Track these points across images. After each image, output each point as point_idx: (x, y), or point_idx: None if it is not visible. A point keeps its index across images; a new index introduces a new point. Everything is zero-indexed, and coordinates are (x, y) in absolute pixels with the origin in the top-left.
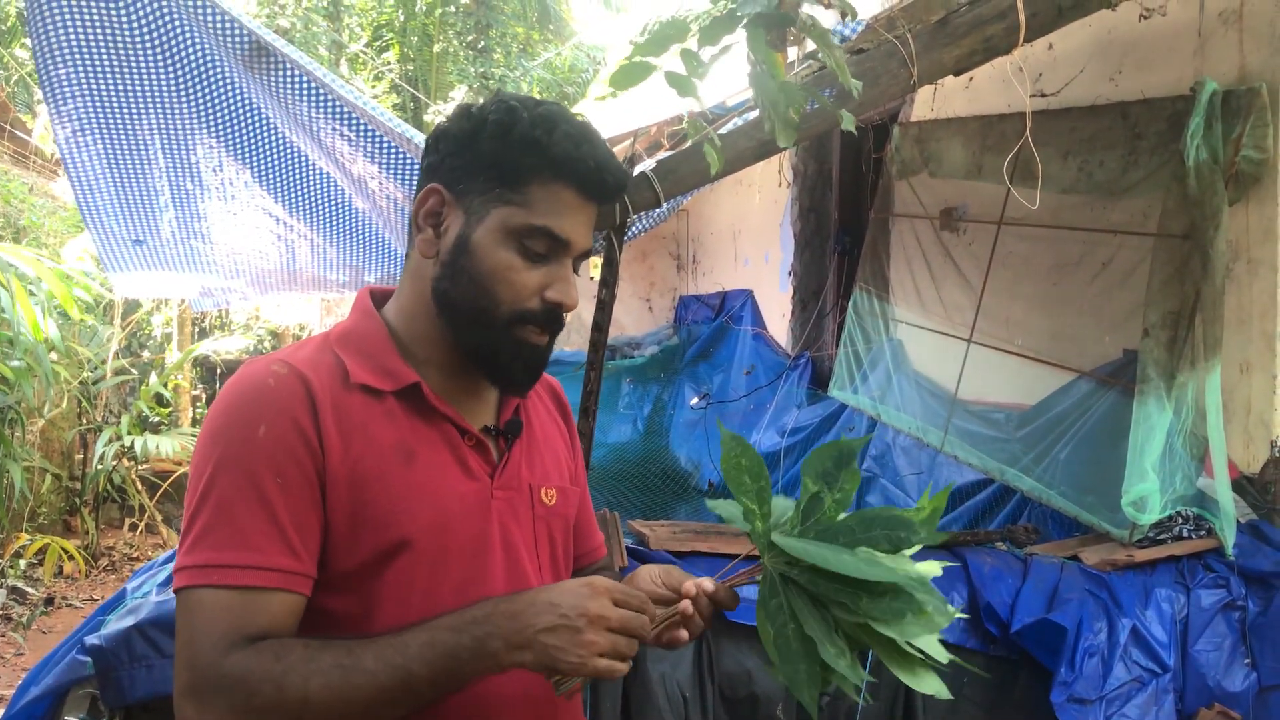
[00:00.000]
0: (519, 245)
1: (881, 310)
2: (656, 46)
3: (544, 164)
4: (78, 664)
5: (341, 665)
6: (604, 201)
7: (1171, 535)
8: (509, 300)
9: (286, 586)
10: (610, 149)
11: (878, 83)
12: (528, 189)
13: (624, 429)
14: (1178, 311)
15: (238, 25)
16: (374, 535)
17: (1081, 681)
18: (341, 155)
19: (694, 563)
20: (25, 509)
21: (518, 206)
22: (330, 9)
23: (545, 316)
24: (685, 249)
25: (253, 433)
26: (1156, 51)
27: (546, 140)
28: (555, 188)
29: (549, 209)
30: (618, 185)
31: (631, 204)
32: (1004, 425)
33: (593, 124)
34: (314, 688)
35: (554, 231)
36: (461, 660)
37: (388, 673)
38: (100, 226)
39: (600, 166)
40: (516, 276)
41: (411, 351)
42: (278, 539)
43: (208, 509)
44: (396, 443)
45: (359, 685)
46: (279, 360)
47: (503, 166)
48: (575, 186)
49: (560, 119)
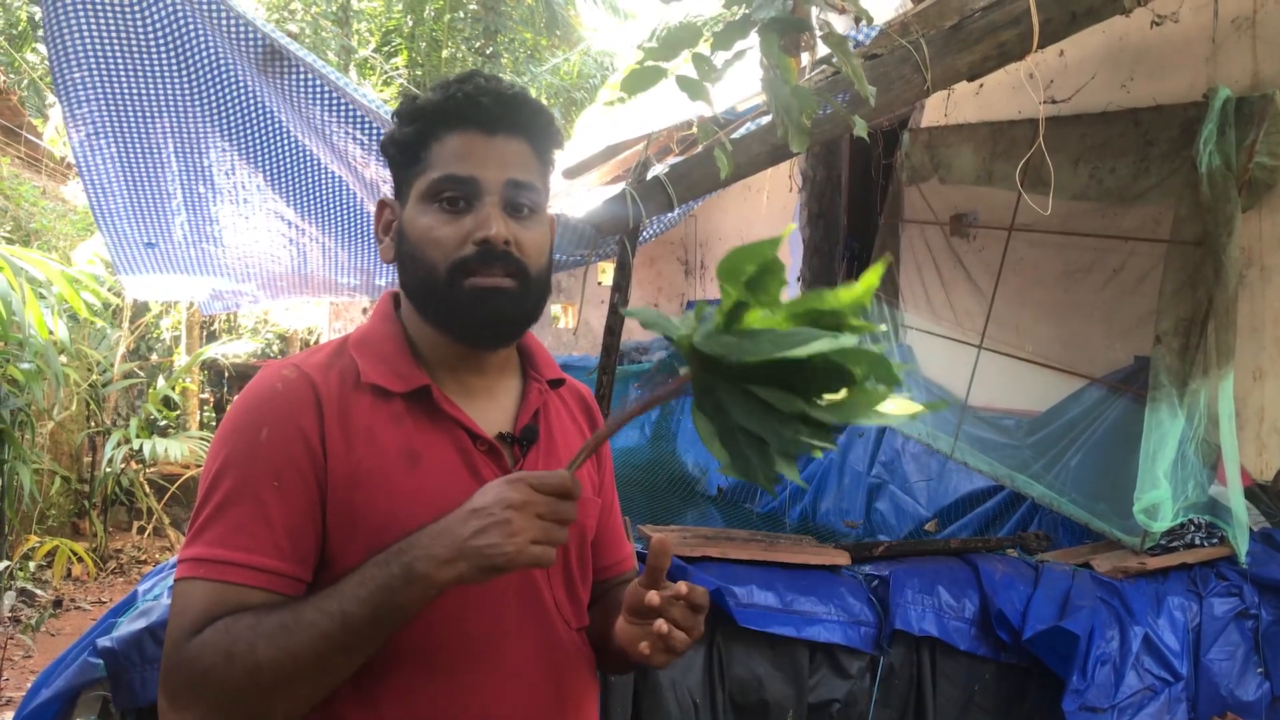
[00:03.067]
0: (436, 205)
1: (891, 316)
2: (668, 51)
3: (431, 125)
4: (89, 666)
5: (284, 624)
6: (511, 130)
7: (1183, 543)
8: (440, 257)
9: (268, 586)
10: (498, 80)
11: (891, 88)
12: (427, 154)
13: (631, 434)
14: (1190, 318)
15: (252, 28)
16: (375, 539)
17: (1094, 689)
18: (354, 159)
19: (704, 567)
20: (34, 511)
21: (424, 172)
22: (339, 14)
23: (481, 257)
24: (693, 254)
25: (256, 436)
26: (1169, 58)
27: (429, 101)
28: (445, 138)
29: (445, 158)
30: (508, 104)
31: (645, 208)
32: (1014, 432)
33: (493, 74)
34: (260, 650)
35: (454, 174)
36: (394, 590)
37: (326, 619)
38: (113, 229)
39: (471, 95)
40: (440, 232)
41: (425, 356)
42: (267, 539)
43: (209, 507)
44: (402, 446)
45: (302, 639)
46: (290, 364)
47: (409, 147)
48: (460, 127)
49: (447, 82)
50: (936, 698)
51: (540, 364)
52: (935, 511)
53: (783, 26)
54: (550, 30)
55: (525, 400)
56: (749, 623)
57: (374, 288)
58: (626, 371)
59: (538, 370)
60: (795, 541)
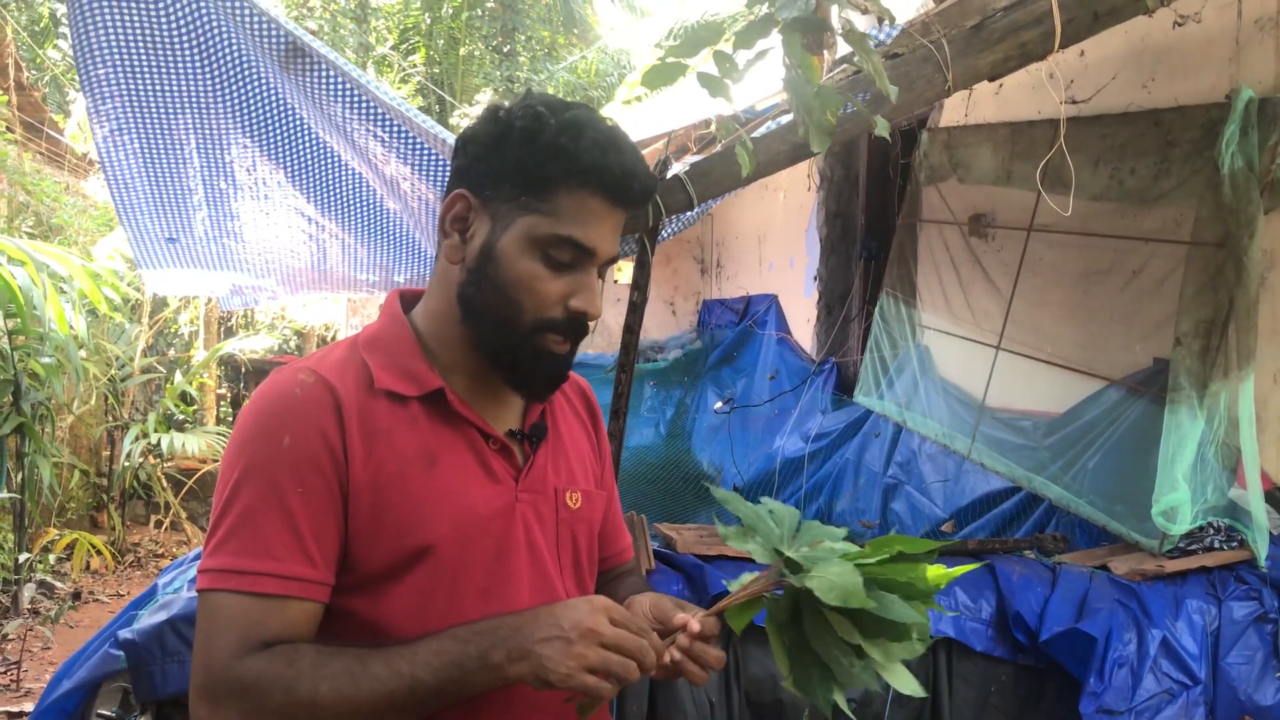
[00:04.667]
0: (544, 254)
1: (908, 316)
2: (690, 48)
3: (570, 172)
4: (110, 658)
5: (351, 671)
6: (631, 208)
7: (1202, 546)
8: (532, 309)
9: (302, 595)
10: (638, 153)
11: (913, 87)
12: (554, 197)
13: (646, 432)
14: (1210, 320)
15: (275, 25)
16: (395, 541)
17: (1111, 692)
18: (374, 156)
19: (721, 566)
20: (54, 504)
21: (544, 215)
22: (358, 12)
23: (569, 325)
24: (709, 253)
25: (278, 443)
26: (1191, 59)
27: (573, 148)
28: (581, 195)
29: (575, 218)
30: (645, 192)
31: (664, 207)
32: (1032, 433)
33: (621, 128)
34: (323, 692)
35: (580, 241)
36: (467, 670)
37: (394, 679)
38: (134, 224)
39: (627, 173)
40: (541, 286)
41: (437, 356)
42: (296, 548)
43: (232, 515)
44: (419, 448)
45: (366, 690)
46: (306, 369)
47: (529, 174)
48: (602, 194)
49: (588, 125)
50: (952, 699)
51: None
52: (952, 512)
53: (805, 26)
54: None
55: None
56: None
57: (392, 284)
58: (642, 370)
59: None
60: None
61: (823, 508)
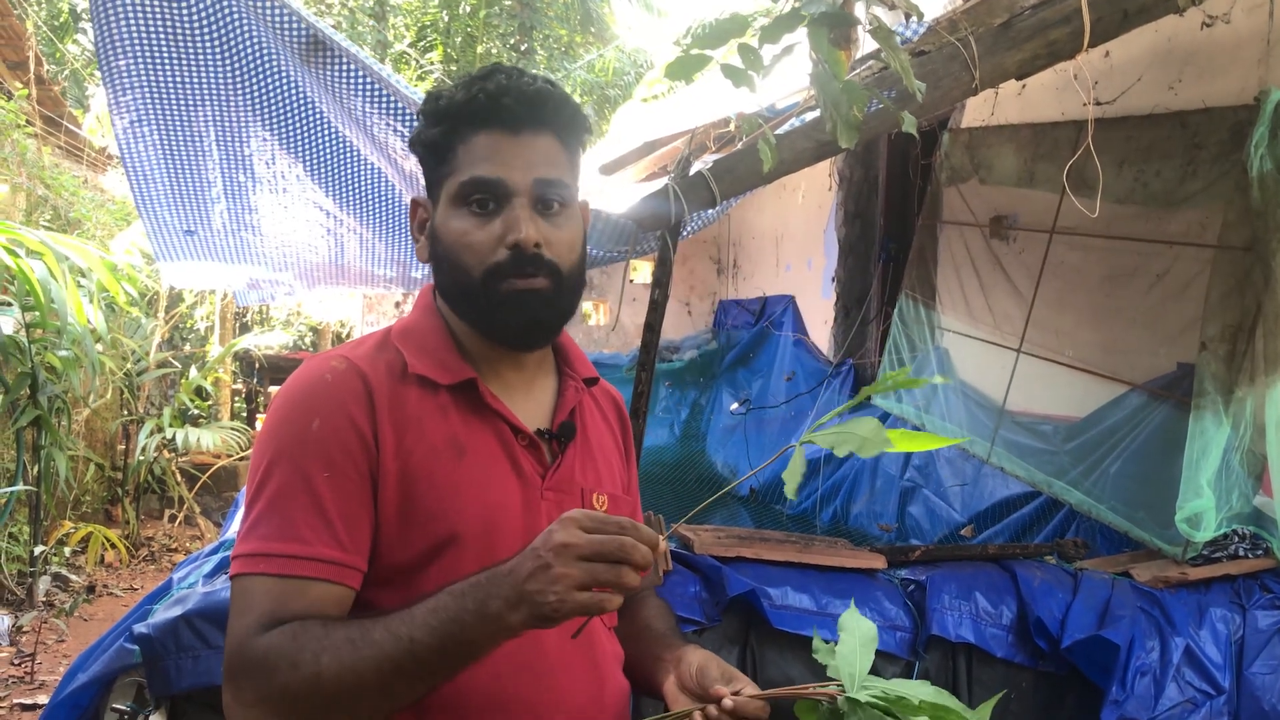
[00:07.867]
0: (465, 208)
1: (928, 318)
2: (715, 41)
3: (456, 125)
4: (125, 652)
5: (351, 640)
6: (529, 125)
7: (1227, 554)
8: (476, 262)
9: (329, 577)
10: (516, 73)
11: (939, 85)
12: (454, 155)
13: (661, 432)
14: (1237, 325)
15: (296, 18)
16: (423, 530)
17: (1133, 701)
18: (394, 151)
19: (738, 568)
20: (69, 498)
21: (452, 174)
22: (376, 9)
23: (514, 262)
24: (725, 253)
25: (307, 427)
26: (1218, 60)
27: (452, 104)
28: (470, 139)
29: (472, 160)
30: (527, 101)
31: (687, 203)
32: (1052, 437)
33: (511, 66)
34: (325, 662)
35: (483, 177)
36: (465, 624)
37: (393, 643)
38: (153, 216)
39: (496, 94)
40: (473, 237)
41: (467, 349)
42: (324, 531)
43: (262, 500)
44: (448, 438)
45: (367, 657)
46: (338, 356)
47: (436, 149)
48: (485, 127)
49: (470, 79)
50: (972, 705)
51: (575, 362)
52: (970, 516)
53: (832, 21)
54: (585, 27)
55: (562, 397)
56: (783, 625)
57: (410, 280)
58: (657, 370)
59: (573, 368)
60: (830, 544)
61: (839, 510)
